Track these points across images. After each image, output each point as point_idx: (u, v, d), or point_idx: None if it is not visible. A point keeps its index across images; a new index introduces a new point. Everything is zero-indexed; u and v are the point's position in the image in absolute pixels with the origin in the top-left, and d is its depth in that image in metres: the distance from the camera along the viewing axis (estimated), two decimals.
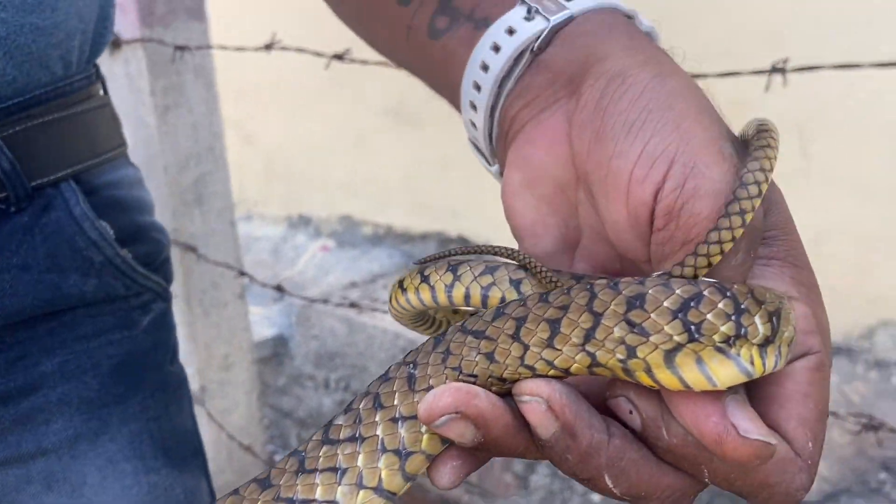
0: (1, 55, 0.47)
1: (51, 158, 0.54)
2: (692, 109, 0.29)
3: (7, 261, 0.52)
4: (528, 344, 0.26)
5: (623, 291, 0.25)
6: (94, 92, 0.58)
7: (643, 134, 0.29)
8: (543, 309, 0.26)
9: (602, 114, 0.30)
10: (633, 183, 0.29)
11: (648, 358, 0.24)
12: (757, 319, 0.24)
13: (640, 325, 0.24)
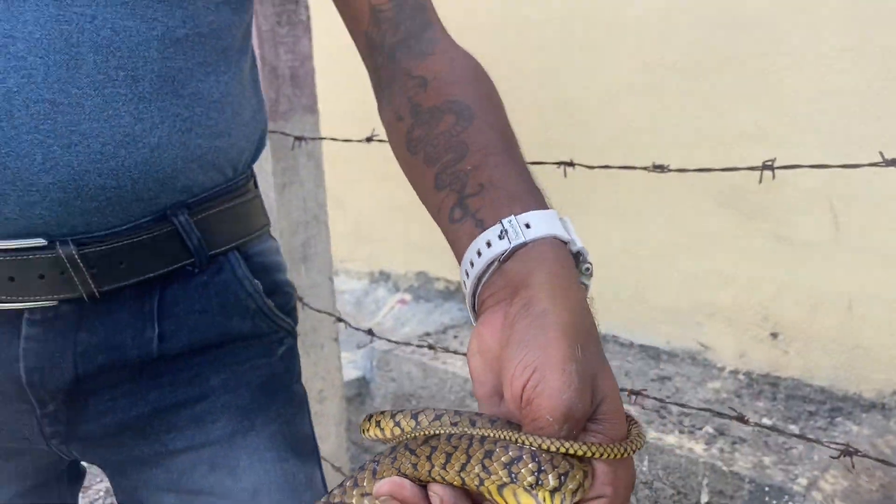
0: (196, 167, 0.66)
1: (223, 236, 0.72)
2: (558, 337, 0.42)
3: (192, 307, 0.70)
4: (434, 464, 0.42)
5: (484, 446, 0.41)
6: (250, 187, 0.77)
7: (524, 349, 0.43)
8: (446, 444, 0.42)
9: (511, 328, 0.44)
10: (513, 378, 0.42)
11: (490, 487, 0.40)
12: (550, 476, 0.39)
13: (487, 468, 0.40)
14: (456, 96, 0.57)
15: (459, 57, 0.62)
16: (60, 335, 0.65)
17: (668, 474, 1.38)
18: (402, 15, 0.64)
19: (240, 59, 0.70)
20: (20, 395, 0.66)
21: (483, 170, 0.52)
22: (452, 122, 0.56)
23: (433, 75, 0.60)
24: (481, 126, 0.55)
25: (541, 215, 0.49)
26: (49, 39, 0.56)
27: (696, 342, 1.76)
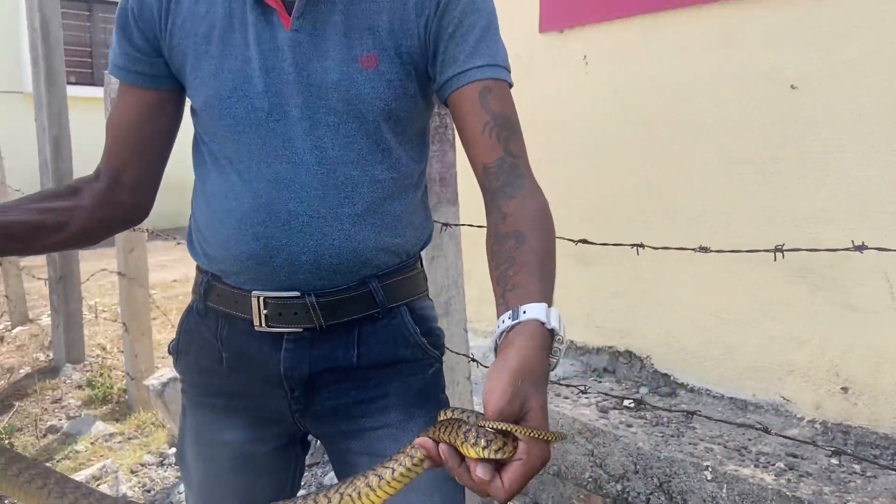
0: (384, 254, 1.01)
1: (397, 296, 1.06)
2: (507, 373, 0.68)
3: (377, 339, 1.03)
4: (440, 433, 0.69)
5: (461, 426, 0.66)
6: (417, 266, 1.10)
7: (490, 376, 0.69)
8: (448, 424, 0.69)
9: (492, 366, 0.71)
10: (483, 391, 0.68)
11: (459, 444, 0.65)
12: (481, 440, 0.63)
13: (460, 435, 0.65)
14: (518, 228, 0.88)
15: (531, 201, 0.93)
16: (303, 349, 1.04)
17: (742, 499, 1.66)
18: (500, 171, 0.95)
19: (417, 188, 1.10)
20: (279, 383, 1.04)
21: (518, 276, 0.83)
22: (512, 244, 0.87)
23: (511, 213, 0.91)
24: (528, 249, 0.86)
25: (533, 307, 0.77)
26: (313, 183, 1.00)
27: (778, 395, 2.01)
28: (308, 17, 0.97)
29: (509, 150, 0.94)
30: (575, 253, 2.48)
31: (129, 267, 3.54)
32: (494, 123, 0.94)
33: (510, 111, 0.97)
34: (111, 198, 1.08)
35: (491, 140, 0.94)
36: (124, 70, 1.06)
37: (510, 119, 0.96)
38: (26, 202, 1.02)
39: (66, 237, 1.04)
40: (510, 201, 0.91)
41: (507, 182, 0.93)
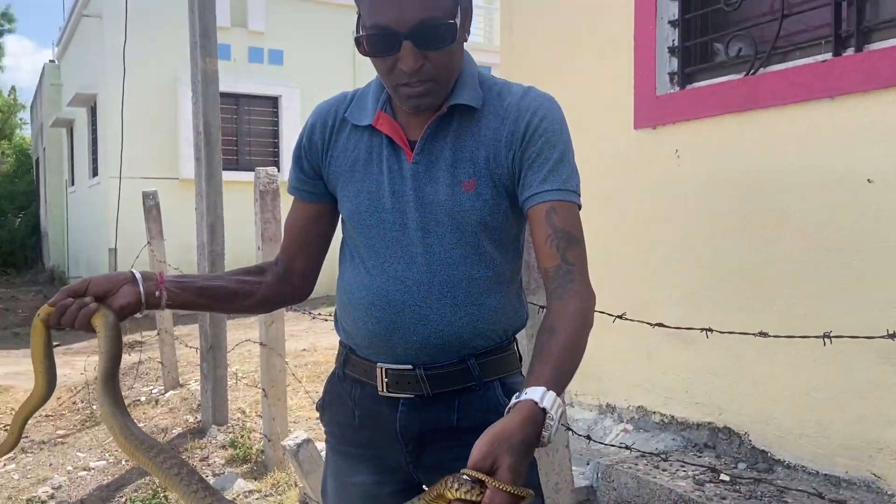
0: (480, 338, 1.24)
1: (492, 372, 1.27)
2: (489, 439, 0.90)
3: (473, 406, 1.25)
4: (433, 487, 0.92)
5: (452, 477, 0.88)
6: (512, 347, 1.32)
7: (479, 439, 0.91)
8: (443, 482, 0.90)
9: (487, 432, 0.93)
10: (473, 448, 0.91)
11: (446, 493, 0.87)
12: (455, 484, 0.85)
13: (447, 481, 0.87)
14: (554, 324, 1.10)
15: (573, 303, 1.14)
16: (414, 411, 1.30)
17: None
18: (557, 276, 1.17)
19: (510, 283, 1.35)
20: (396, 438, 1.28)
21: (538, 365, 1.05)
22: (546, 337, 1.09)
23: (554, 311, 1.13)
24: (556, 342, 1.08)
25: (534, 389, 0.98)
26: (423, 280, 1.28)
27: (869, 472, 2.08)
28: (425, 153, 1.29)
29: (566, 259, 1.18)
30: (673, 332, 2.66)
31: (269, 338, 3.98)
32: (556, 236, 1.19)
33: (571, 226, 1.21)
34: (285, 279, 1.44)
35: (551, 249, 1.19)
36: (297, 189, 1.42)
37: (570, 233, 1.20)
38: (228, 274, 1.42)
39: (252, 303, 1.41)
40: (557, 302, 1.15)
41: (560, 285, 1.16)
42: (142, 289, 1.28)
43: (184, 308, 1.34)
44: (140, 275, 1.31)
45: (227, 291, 1.37)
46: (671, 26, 2.74)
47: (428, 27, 1.17)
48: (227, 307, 1.39)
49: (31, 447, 5.45)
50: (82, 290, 1.22)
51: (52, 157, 16.62)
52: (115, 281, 1.26)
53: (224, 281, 1.39)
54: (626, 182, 2.89)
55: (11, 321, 12.27)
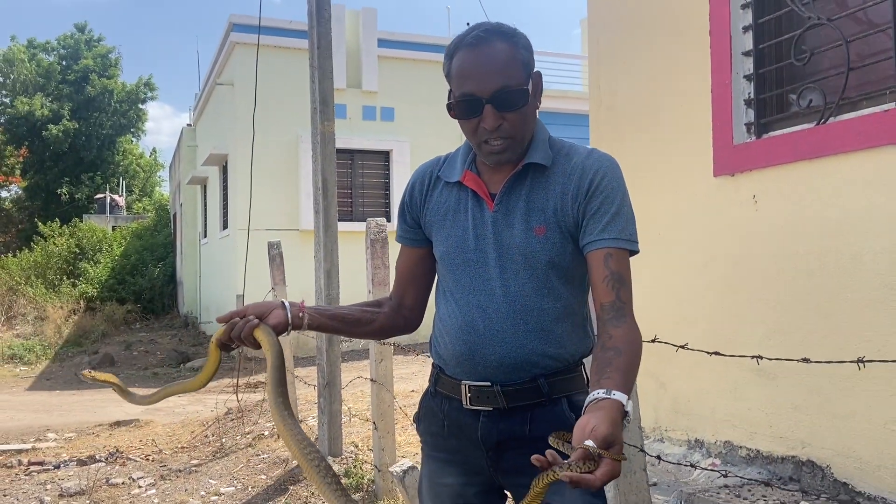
0: (549, 360, 1.46)
1: (560, 390, 1.47)
2: (609, 421, 1.09)
3: (543, 419, 1.46)
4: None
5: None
6: (579, 369, 1.51)
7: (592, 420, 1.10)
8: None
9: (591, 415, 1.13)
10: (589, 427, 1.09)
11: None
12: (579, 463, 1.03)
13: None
14: (618, 346, 1.31)
15: (630, 333, 1.35)
16: (493, 422, 1.52)
17: None
18: (612, 309, 1.38)
19: (576, 315, 1.58)
20: (478, 446, 1.50)
21: (614, 373, 1.23)
22: (612, 354, 1.29)
23: (615, 336, 1.33)
24: (623, 361, 1.28)
25: (620, 394, 1.18)
26: (500, 309, 1.54)
27: None
28: (503, 204, 1.56)
29: (619, 297, 1.41)
30: (757, 369, 2.78)
31: (378, 374, 4.32)
32: (612, 278, 1.42)
33: (624, 270, 1.44)
34: (398, 311, 1.75)
35: (608, 288, 1.41)
36: (403, 238, 1.74)
37: (623, 276, 1.43)
38: (352, 306, 1.75)
39: (372, 329, 1.72)
40: (616, 329, 1.36)
41: (615, 317, 1.38)
42: (289, 313, 1.63)
43: (319, 330, 1.68)
44: (287, 302, 1.66)
45: (353, 318, 1.70)
46: (746, 80, 2.93)
47: (504, 93, 1.45)
48: (353, 331, 1.72)
49: (168, 475, 6.02)
50: (244, 312, 1.57)
51: (188, 211, 18.09)
52: (269, 306, 1.62)
53: (350, 310, 1.72)
54: (708, 226, 3.05)
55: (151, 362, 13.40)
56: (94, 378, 1.75)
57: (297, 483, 4.90)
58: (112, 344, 14.82)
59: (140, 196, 31.50)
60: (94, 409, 9.33)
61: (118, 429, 7.97)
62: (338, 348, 5.25)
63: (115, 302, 17.44)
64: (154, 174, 34.13)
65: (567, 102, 13.38)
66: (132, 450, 6.98)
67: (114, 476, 5.96)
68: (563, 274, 1.54)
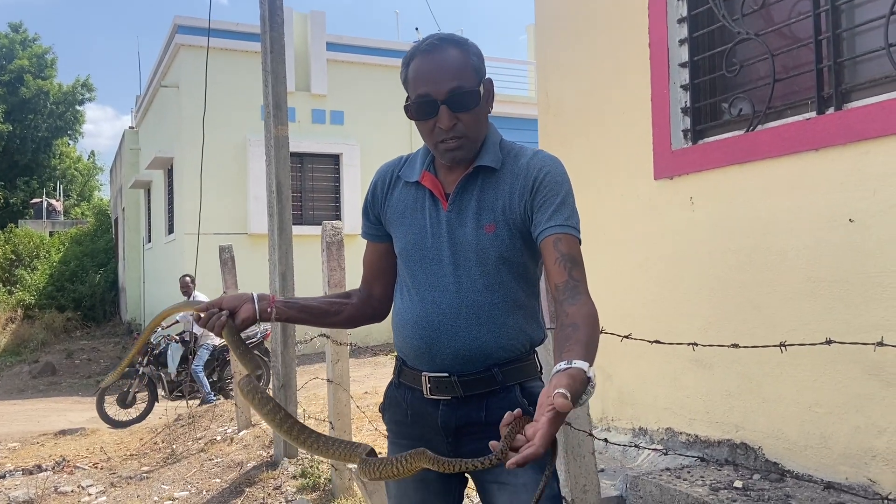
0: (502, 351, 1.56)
1: (513, 378, 1.57)
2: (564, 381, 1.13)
3: (497, 406, 1.54)
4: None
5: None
6: (531, 357, 1.61)
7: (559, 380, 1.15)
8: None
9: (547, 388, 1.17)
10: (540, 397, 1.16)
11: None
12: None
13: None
14: (575, 322, 1.34)
15: (585, 308, 1.39)
16: (451, 410, 1.62)
17: None
18: (566, 289, 1.43)
19: (527, 308, 1.69)
20: (439, 432, 1.58)
21: (573, 347, 1.26)
22: (570, 331, 1.31)
23: (571, 313, 1.37)
24: (581, 335, 1.30)
25: (580, 362, 1.20)
26: (451, 303, 1.63)
27: (865, 477, 2.34)
28: (456, 203, 1.68)
29: (572, 276, 1.49)
30: (694, 359, 2.97)
31: (335, 374, 4.39)
32: (563, 259, 1.50)
33: (574, 252, 1.53)
34: (367, 302, 1.84)
35: (560, 269, 1.49)
36: (367, 234, 1.84)
37: (574, 256, 1.52)
38: (321, 297, 1.85)
39: (341, 319, 1.82)
40: (572, 307, 1.41)
41: (571, 296, 1.44)
42: (256, 307, 1.73)
43: (288, 321, 1.77)
44: (257, 296, 1.75)
45: (321, 310, 1.80)
46: (683, 90, 3.13)
47: (458, 94, 1.57)
48: (321, 322, 1.81)
49: (119, 482, 5.96)
50: (220, 304, 1.69)
51: (131, 216, 17.72)
52: (240, 300, 1.72)
53: (319, 302, 1.82)
54: (648, 226, 3.24)
55: (94, 370, 13.10)
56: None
57: (252, 485, 4.93)
58: (53, 353, 14.42)
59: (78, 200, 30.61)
60: (38, 419, 9.11)
61: (63, 438, 7.82)
62: (293, 351, 5.30)
63: (54, 310, 16.97)
64: (92, 178, 33.19)
65: (515, 107, 13.63)
66: (79, 458, 6.87)
67: (62, 484, 5.87)
68: (514, 269, 1.66)
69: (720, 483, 2.58)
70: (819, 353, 2.51)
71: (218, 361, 8.57)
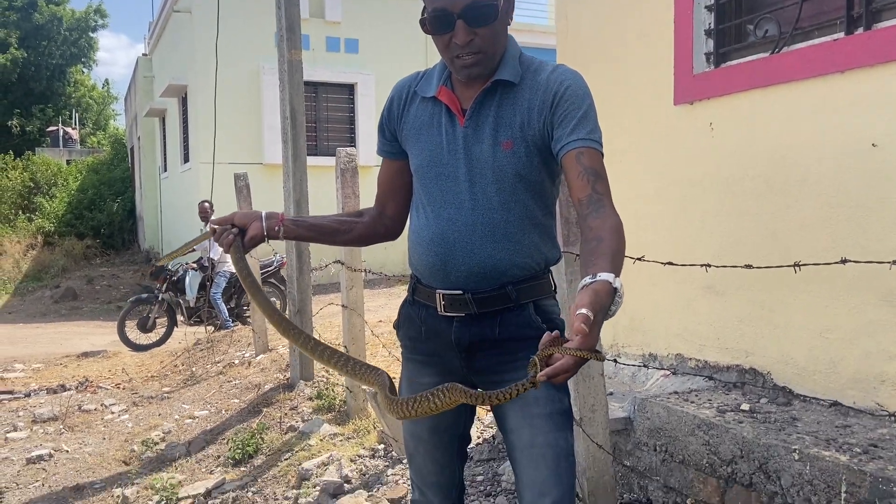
0: (517, 269, 1.60)
1: (527, 295, 1.61)
2: (586, 299, 1.18)
3: (511, 322, 1.58)
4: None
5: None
6: (546, 276, 1.65)
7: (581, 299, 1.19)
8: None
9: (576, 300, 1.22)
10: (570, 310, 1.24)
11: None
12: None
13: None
14: (600, 235, 1.35)
15: (609, 220, 1.38)
16: (465, 326, 1.66)
17: (821, 473, 2.08)
18: (590, 202, 1.42)
19: (543, 226, 1.69)
20: (452, 348, 1.62)
21: (597, 260, 1.28)
22: (595, 245, 1.33)
23: (595, 227, 1.37)
24: (605, 247, 1.32)
25: (604, 274, 1.23)
26: (467, 221, 1.63)
27: (873, 402, 2.36)
28: (473, 119, 1.66)
29: (596, 189, 1.47)
30: (707, 286, 2.97)
31: (350, 300, 4.45)
32: (586, 173, 1.49)
33: (597, 165, 1.51)
34: (379, 221, 1.85)
35: (583, 182, 1.48)
36: (382, 151, 1.83)
37: (597, 170, 1.50)
38: (332, 215, 1.85)
39: (352, 238, 1.83)
40: (596, 220, 1.40)
41: (594, 209, 1.43)
42: (264, 225, 1.74)
43: (297, 240, 1.79)
44: (265, 214, 1.76)
45: (331, 228, 1.80)
46: (707, 10, 3.03)
47: (475, 7, 1.51)
48: (332, 240, 1.82)
49: (140, 401, 6.15)
50: (232, 220, 1.72)
51: (146, 145, 17.73)
52: (250, 217, 1.73)
53: (329, 220, 1.83)
54: (666, 152, 3.20)
55: (114, 296, 13.35)
56: None
57: (270, 405, 5.06)
58: (73, 279, 14.69)
59: (94, 129, 30.60)
60: (60, 342, 9.36)
61: (86, 360, 8.05)
62: (308, 277, 5.35)
63: (73, 237, 17.19)
64: (107, 107, 33.08)
65: (534, 36, 13.32)
66: (102, 379, 7.08)
67: (86, 403, 6.07)
68: (530, 187, 1.65)
69: (727, 406, 2.61)
70: (833, 280, 2.50)
71: (235, 288, 8.69)
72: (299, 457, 4.14)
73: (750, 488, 2.28)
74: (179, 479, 4.29)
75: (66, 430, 5.43)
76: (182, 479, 4.28)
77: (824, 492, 2.06)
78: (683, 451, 2.53)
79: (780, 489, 2.18)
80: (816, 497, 2.08)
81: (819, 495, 2.07)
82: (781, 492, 2.18)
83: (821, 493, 2.07)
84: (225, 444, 4.64)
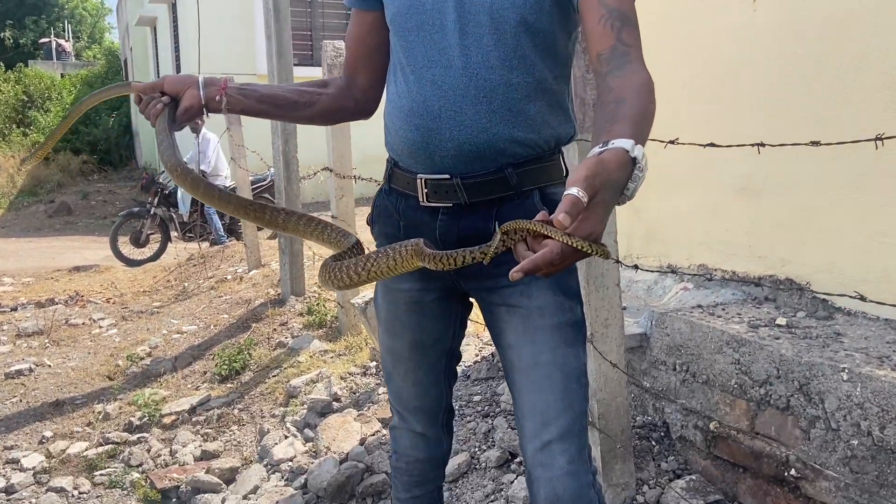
0: (518, 147, 1.27)
1: (530, 182, 1.29)
2: (581, 174, 0.86)
3: (511, 215, 1.18)
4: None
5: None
6: (555, 158, 1.33)
7: (575, 173, 0.88)
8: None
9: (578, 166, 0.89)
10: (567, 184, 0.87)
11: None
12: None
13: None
14: (622, 95, 1.03)
15: (636, 77, 1.07)
16: (453, 219, 1.33)
17: (874, 396, 1.77)
18: (612, 57, 1.10)
19: (554, 93, 1.32)
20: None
21: (615, 125, 0.98)
22: (614, 107, 1.01)
23: (616, 87, 1.06)
24: (627, 108, 1.01)
25: (621, 140, 0.93)
26: (459, 84, 1.27)
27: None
28: None
29: (621, 39, 1.11)
30: (741, 188, 2.61)
31: (339, 210, 4.11)
32: (609, 16, 1.12)
33: (627, 7, 1.13)
34: (347, 92, 1.48)
35: (605, 30, 1.11)
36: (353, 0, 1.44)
37: (625, 13, 1.12)
38: (289, 86, 1.48)
39: (313, 113, 1.46)
40: (616, 79, 1.06)
41: (617, 66, 1.08)
42: (201, 93, 1.37)
43: (244, 113, 1.42)
44: (203, 80, 1.39)
45: (287, 100, 1.43)
46: None
47: None
48: (287, 115, 1.45)
49: (130, 316, 5.91)
50: (161, 87, 1.39)
51: (139, 56, 17.08)
52: (184, 84, 1.38)
53: (285, 91, 1.45)
54: (702, 31, 2.78)
55: (110, 212, 13.05)
56: None
57: (259, 321, 4.81)
58: (69, 194, 14.38)
59: (89, 43, 29.71)
60: (53, 256, 9.11)
61: (77, 274, 7.80)
62: (297, 188, 5.00)
63: (69, 152, 16.78)
64: (101, 19, 32.03)
65: None
66: (93, 293, 6.84)
67: (73, 317, 5.83)
68: (539, 40, 1.28)
69: (760, 320, 2.29)
70: (894, 176, 2.13)
71: None
72: (288, 374, 3.90)
73: (786, 412, 1.98)
74: (164, 394, 4.07)
75: (52, 344, 5.20)
76: (167, 395, 4.07)
77: (877, 416, 1.76)
78: (708, 370, 2.23)
79: (822, 413, 1.88)
80: (867, 422, 1.78)
81: (871, 420, 1.77)
82: (825, 416, 1.88)
83: (873, 417, 1.77)
84: (212, 360, 4.41)
